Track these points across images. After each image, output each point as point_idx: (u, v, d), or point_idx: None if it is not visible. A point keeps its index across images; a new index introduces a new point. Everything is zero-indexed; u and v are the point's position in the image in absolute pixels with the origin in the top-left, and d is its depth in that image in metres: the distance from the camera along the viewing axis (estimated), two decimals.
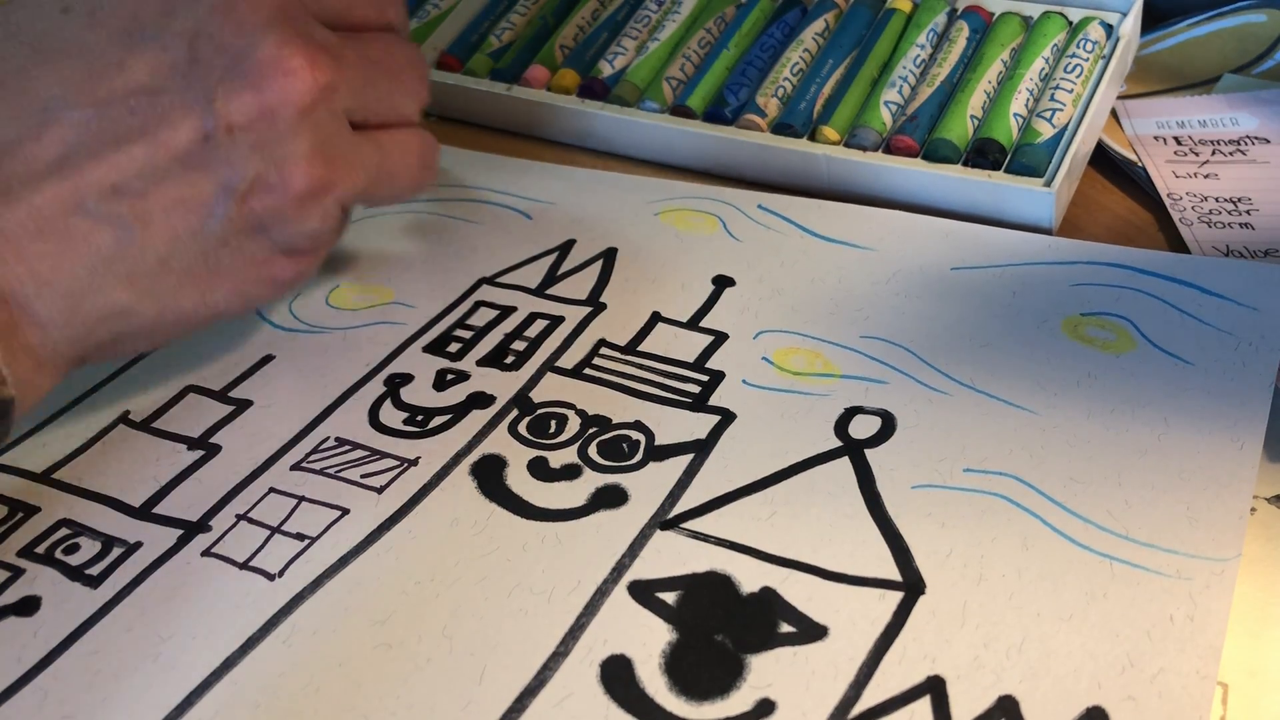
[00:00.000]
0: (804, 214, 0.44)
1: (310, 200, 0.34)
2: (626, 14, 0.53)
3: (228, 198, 0.33)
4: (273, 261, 0.35)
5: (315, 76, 0.33)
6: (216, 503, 0.35)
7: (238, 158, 0.33)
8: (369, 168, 0.36)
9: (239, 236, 0.34)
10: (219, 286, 0.34)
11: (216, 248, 0.33)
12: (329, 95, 0.33)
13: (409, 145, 0.37)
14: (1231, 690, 0.28)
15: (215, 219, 0.33)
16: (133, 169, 0.32)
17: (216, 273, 0.34)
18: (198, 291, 0.34)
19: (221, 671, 0.30)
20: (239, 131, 0.32)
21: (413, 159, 0.38)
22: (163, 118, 0.32)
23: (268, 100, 0.32)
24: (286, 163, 0.33)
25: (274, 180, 0.33)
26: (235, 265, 0.34)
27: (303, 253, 0.35)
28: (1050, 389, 0.35)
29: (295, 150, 0.33)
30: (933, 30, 0.49)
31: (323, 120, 0.34)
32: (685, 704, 0.28)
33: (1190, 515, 0.31)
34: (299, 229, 0.34)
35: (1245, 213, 0.43)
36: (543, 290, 0.42)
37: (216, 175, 0.33)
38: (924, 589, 0.30)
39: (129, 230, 0.32)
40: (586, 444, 0.35)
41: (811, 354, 0.38)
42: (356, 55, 0.35)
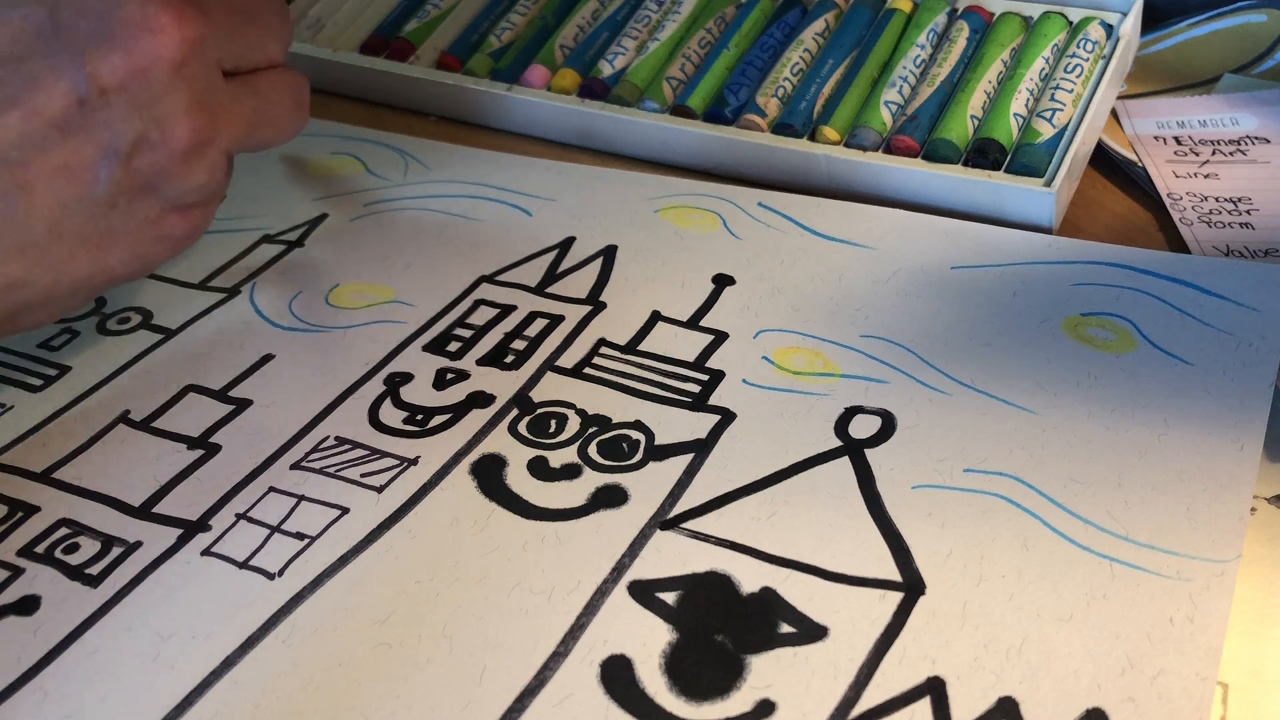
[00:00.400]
0: (804, 212, 0.44)
1: (195, 153, 0.34)
2: (626, 14, 0.53)
3: (111, 160, 0.33)
4: (165, 219, 0.35)
5: (183, 31, 0.33)
6: (216, 502, 0.35)
7: (116, 119, 0.33)
8: (247, 115, 0.36)
9: (127, 197, 0.34)
10: (113, 250, 0.34)
11: (106, 211, 0.34)
12: (199, 48, 0.34)
13: (283, 87, 0.38)
14: (1231, 690, 0.28)
15: (101, 182, 0.33)
16: (9, 139, 0.32)
17: (109, 236, 0.34)
18: (91, 257, 0.34)
19: (221, 671, 0.30)
20: (113, 93, 0.32)
21: (288, 100, 0.38)
22: (33, 85, 0.32)
23: (138, 59, 0.33)
24: (167, 119, 0.33)
25: (156, 138, 0.33)
26: (128, 227, 0.34)
27: (194, 206, 0.36)
28: (1050, 389, 0.35)
29: (174, 106, 0.33)
30: (933, 30, 0.49)
31: (196, 73, 0.34)
32: (685, 704, 0.28)
33: (1190, 516, 0.31)
34: (187, 184, 0.34)
35: (1245, 213, 0.43)
36: (543, 288, 0.42)
37: (97, 138, 0.33)
38: (924, 589, 0.30)
39: (12, 201, 0.32)
40: (586, 443, 0.35)
41: (812, 353, 0.38)
42: (220, 4, 0.35)
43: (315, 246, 0.45)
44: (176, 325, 0.42)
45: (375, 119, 0.54)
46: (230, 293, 0.43)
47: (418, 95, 0.53)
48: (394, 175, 0.49)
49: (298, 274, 0.44)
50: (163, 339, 0.41)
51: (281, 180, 0.49)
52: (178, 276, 0.44)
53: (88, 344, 0.41)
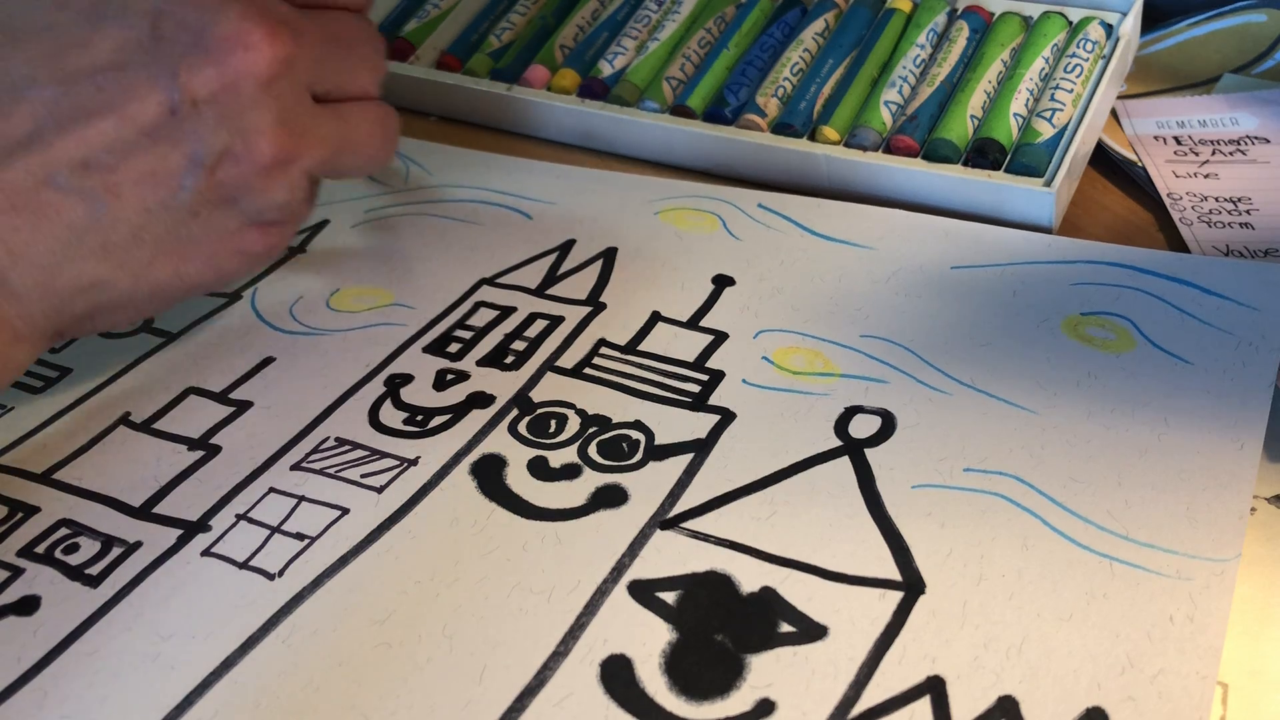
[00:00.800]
0: (804, 213, 0.44)
1: (277, 170, 0.34)
2: (626, 14, 0.53)
3: (196, 169, 0.33)
4: (244, 233, 0.35)
5: (274, 49, 0.33)
6: (216, 502, 0.35)
7: (204, 130, 0.33)
8: (332, 139, 0.36)
9: (209, 208, 0.34)
10: (192, 258, 0.35)
11: (187, 219, 0.34)
12: (289, 67, 0.34)
13: (371, 117, 0.38)
14: (1231, 690, 0.28)
15: (185, 190, 0.33)
16: (101, 143, 0.32)
17: (189, 244, 0.34)
18: (171, 263, 0.34)
19: (221, 671, 0.30)
20: (203, 105, 0.33)
21: (375, 130, 0.38)
22: (128, 93, 0.33)
23: (229, 73, 0.33)
24: (251, 134, 0.34)
25: (240, 151, 0.34)
26: (207, 237, 0.35)
27: (273, 224, 0.36)
28: (1050, 389, 0.35)
29: (259, 121, 0.34)
30: (933, 30, 0.49)
31: (284, 92, 0.34)
32: (685, 704, 0.28)
33: (1190, 515, 0.31)
34: (267, 199, 0.35)
35: (1245, 212, 0.43)
36: (543, 290, 0.42)
37: (183, 147, 0.33)
38: (924, 589, 0.30)
39: (100, 203, 0.33)
40: (586, 443, 0.35)
41: (811, 353, 0.38)
42: (315, 29, 0.36)
43: (317, 252, 0.45)
44: (177, 329, 0.42)
45: None
46: (232, 297, 0.43)
47: (418, 95, 0.53)
48: (395, 180, 0.49)
49: (299, 279, 0.44)
50: (164, 342, 0.41)
51: None
52: None
53: (89, 346, 0.41)
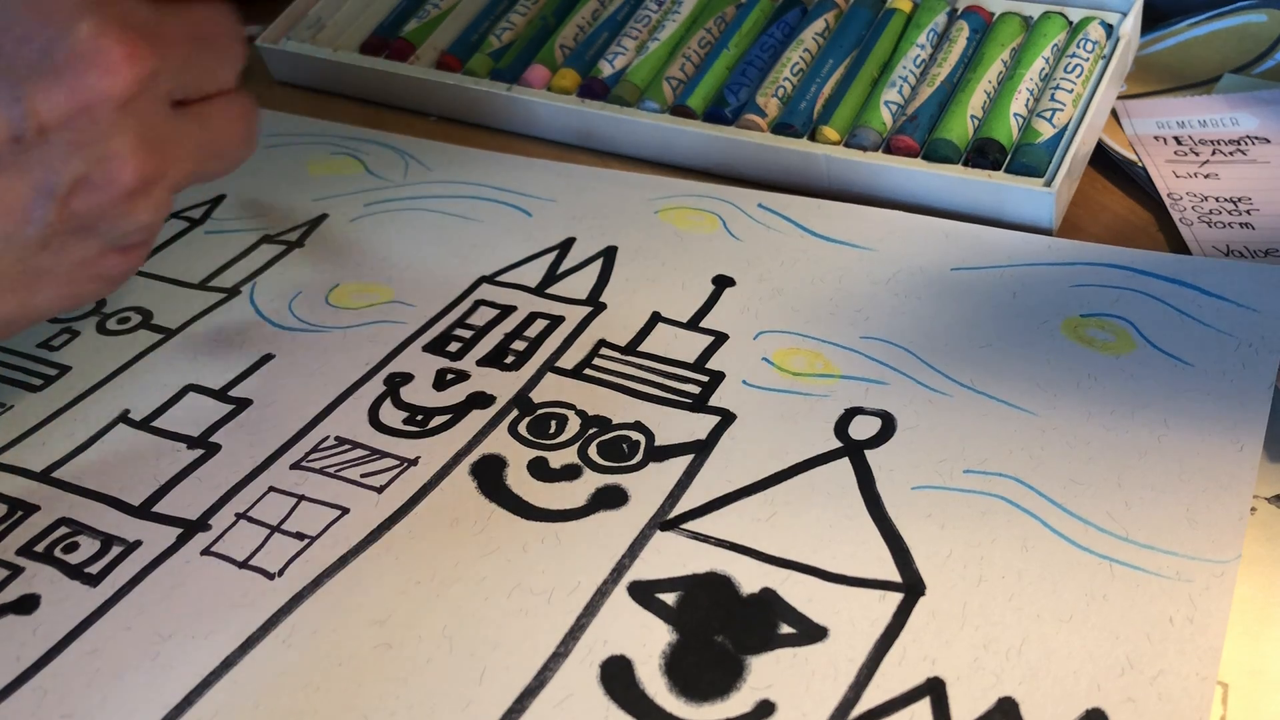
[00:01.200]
0: (804, 214, 0.44)
1: (140, 194, 0.32)
2: (626, 14, 0.53)
3: (46, 201, 0.31)
4: (103, 259, 0.33)
5: (134, 69, 0.31)
6: (216, 501, 0.35)
7: (55, 159, 0.30)
8: (196, 149, 0.34)
9: (61, 239, 0.32)
10: (42, 290, 0.33)
11: (36, 252, 0.32)
12: (150, 83, 0.31)
13: (232, 115, 0.36)
14: (1232, 690, 0.28)
15: (33, 224, 0.31)
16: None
17: (38, 277, 0.32)
18: (18, 298, 0.32)
19: (221, 671, 0.30)
20: (54, 131, 0.30)
21: (238, 128, 0.36)
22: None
23: (84, 97, 0.30)
24: (112, 160, 0.31)
25: (98, 179, 0.31)
26: (60, 267, 0.32)
27: (133, 246, 0.34)
28: (1050, 390, 0.35)
29: (119, 146, 0.31)
30: (933, 30, 0.49)
31: (145, 110, 0.32)
32: (685, 705, 0.28)
33: (1190, 517, 0.31)
34: (130, 224, 0.33)
35: (1245, 213, 0.43)
36: (543, 289, 0.42)
37: (32, 177, 0.30)
38: (924, 590, 0.30)
39: None
40: (586, 444, 0.35)
41: (812, 354, 0.38)
42: (175, 31, 0.33)
43: (315, 247, 0.45)
44: (176, 325, 0.42)
45: (375, 119, 0.54)
46: (230, 293, 0.43)
47: (418, 95, 0.53)
48: (394, 175, 0.49)
49: (298, 274, 0.44)
50: (163, 339, 0.41)
51: (281, 180, 0.49)
52: (178, 277, 0.44)
53: (88, 344, 0.41)
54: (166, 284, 0.44)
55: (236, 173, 0.37)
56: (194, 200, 0.49)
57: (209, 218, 0.48)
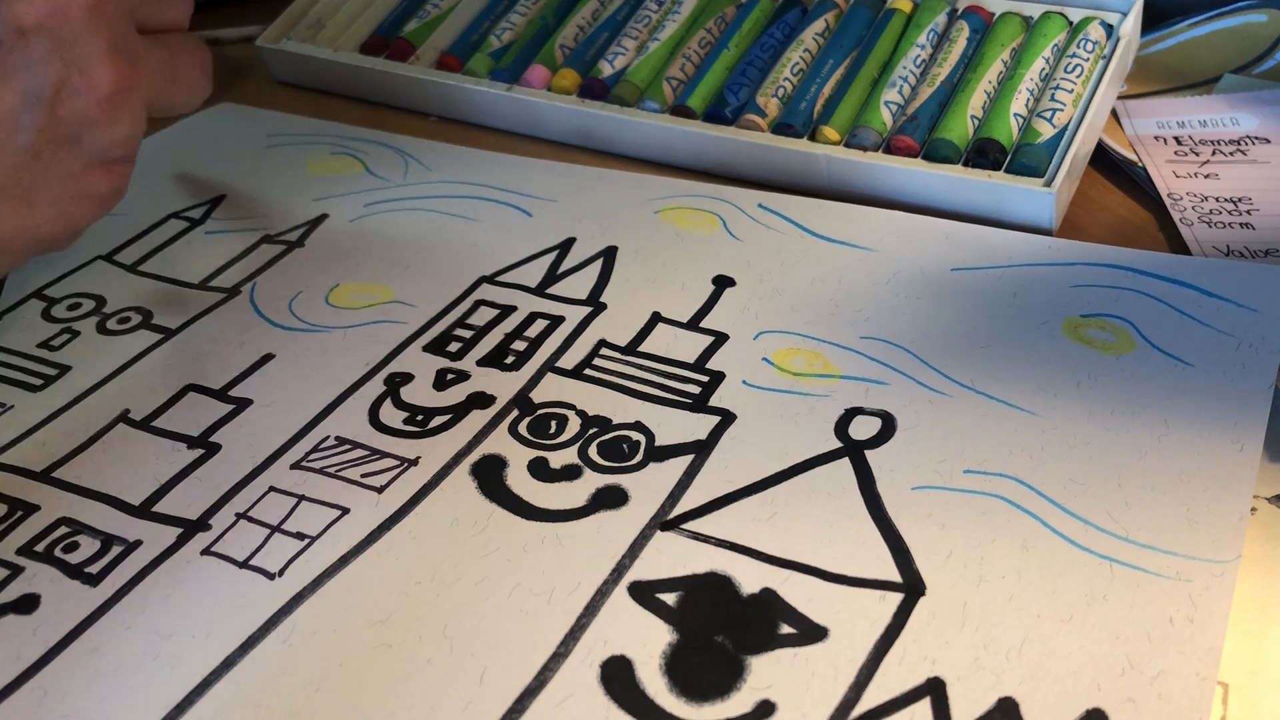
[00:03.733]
0: (804, 214, 0.44)
1: (118, 100, 0.32)
2: (626, 14, 0.53)
3: (35, 106, 0.31)
4: (89, 175, 0.33)
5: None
6: (216, 501, 0.35)
7: (37, 61, 0.31)
8: (163, 68, 0.35)
9: (52, 148, 0.32)
10: (38, 208, 0.32)
11: (29, 162, 0.32)
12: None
13: (189, 48, 0.37)
14: (1232, 690, 0.28)
15: (25, 130, 0.31)
16: None
17: (33, 190, 0.32)
18: (16, 216, 0.32)
19: (221, 671, 0.30)
20: (32, 34, 0.31)
21: (196, 62, 0.37)
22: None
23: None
24: (90, 62, 0.31)
25: (78, 83, 0.31)
26: (51, 181, 0.32)
27: (116, 162, 0.34)
28: (1050, 390, 0.35)
29: (95, 49, 0.32)
30: (933, 30, 0.49)
31: (114, 19, 0.32)
32: (685, 705, 0.28)
33: (1190, 517, 0.31)
34: (112, 133, 0.33)
35: (1245, 213, 0.43)
36: (543, 289, 0.42)
37: (18, 83, 0.31)
38: (924, 590, 0.30)
39: None
40: (587, 444, 0.35)
41: (812, 355, 0.38)
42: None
43: (315, 246, 0.45)
44: (176, 325, 0.42)
45: (375, 119, 0.54)
46: (230, 293, 0.43)
47: (418, 95, 0.53)
48: (394, 175, 0.49)
49: (298, 274, 0.44)
50: (163, 338, 0.41)
51: (281, 180, 0.49)
52: (178, 277, 0.44)
53: (88, 343, 0.41)
54: (166, 284, 0.44)
55: (237, 173, 0.37)
56: (194, 200, 0.49)
57: (209, 218, 0.48)
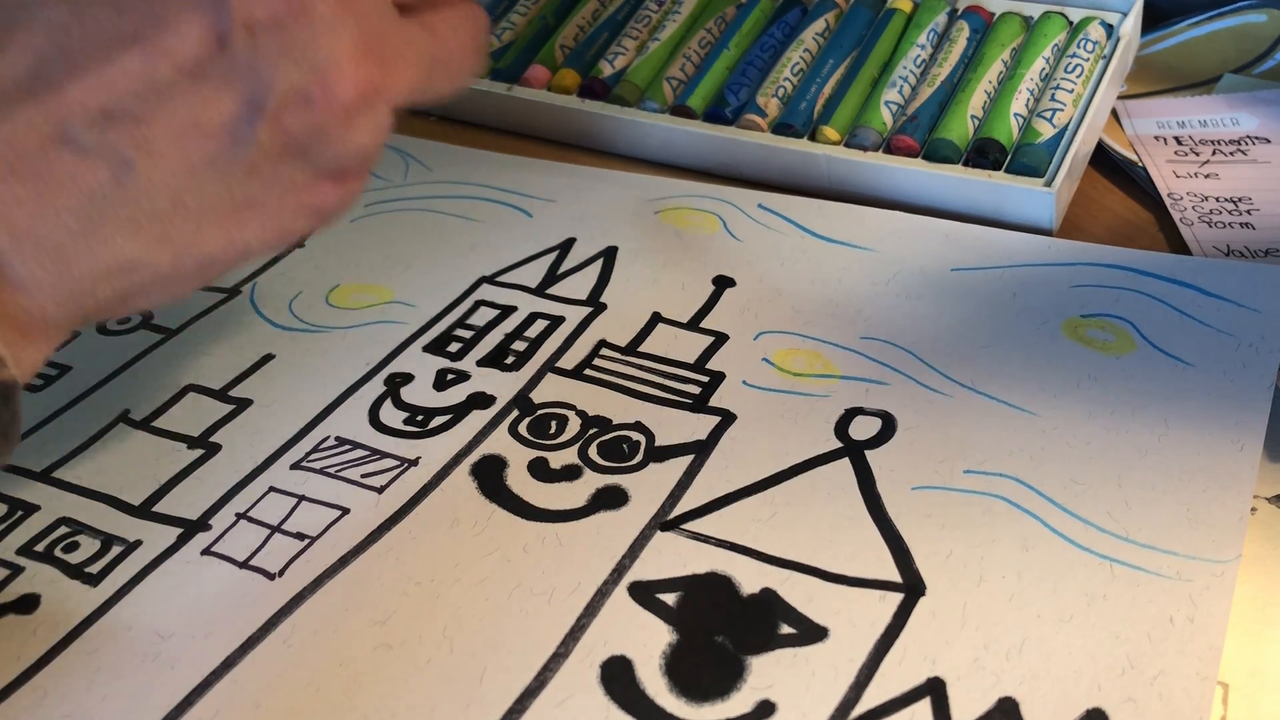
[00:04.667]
0: (804, 214, 0.44)
1: (360, 110, 0.27)
2: (627, 14, 0.53)
3: (255, 116, 0.26)
4: (315, 187, 0.28)
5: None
6: (216, 501, 0.35)
7: (264, 65, 0.26)
8: (422, 60, 0.29)
9: (271, 162, 0.27)
10: (250, 223, 0.28)
11: (244, 178, 0.27)
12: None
13: (459, 23, 0.31)
14: (1232, 690, 0.28)
15: (241, 144, 0.27)
16: (127, 86, 0.26)
17: (245, 207, 0.28)
18: (222, 231, 0.28)
19: (221, 671, 0.30)
20: (262, 31, 0.26)
21: (466, 39, 0.31)
22: (161, 18, 0.26)
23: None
24: (328, 67, 0.26)
25: (314, 90, 0.27)
26: (268, 196, 0.28)
27: (349, 173, 0.29)
28: (1050, 390, 0.35)
29: (338, 50, 0.27)
30: (933, 30, 0.49)
31: (367, 8, 0.27)
32: (685, 705, 0.28)
33: (1190, 517, 0.31)
34: (346, 146, 0.28)
35: (1245, 212, 0.43)
36: (543, 290, 0.42)
37: (238, 88, 0.26)
38: (924, 590, 0.30)
39: (128, 165, 0.26)
40: (587, 445, 0.35)
41: (812, 355, 0.38)
42: None
43: (315, 247, 0.45)
44: (176, 325, 0.42)
45: None
46: (230, 293, 0.43)
47: None
48: (394, 175, 0.49)
49: (298, 274, 0.44)
50: (163, 339, 0.41)
51: None
52: None
53: (88, 343, 0.41)
54: None
55: None
56: None
57: None
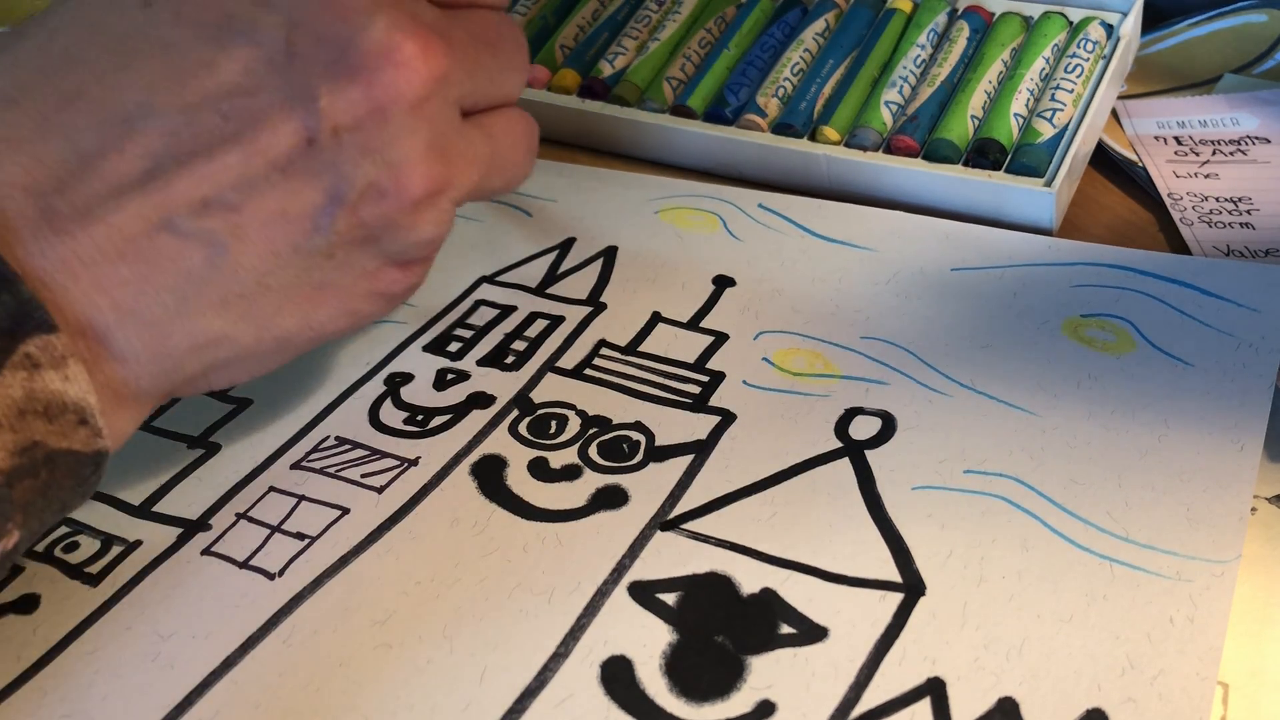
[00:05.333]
0: (804, 214, 0.44)
1: (426, 204, 0.31)
2: (627, 14, 0.53)
3: (335, 207, 0.29)
4: (383, 273, 0.32)
5: (429, 66, 0.29)
6: (216, 501, 0.35)
7: (346, 162, 0.29)
8: (482, 160, 0.32)
9: (346, 249, 0.30)
10: (324, 305, 0.31)
11: (322, 262, 0.30)
12: (442, 85, 0.30)
13: (514, 129, 0.34)
14: (1232, 690, 0.28)
15: (321, 231, 0.30)
16: (226, 179, 0.28)
17: (321, 290, 0.31)
18: (301, 312, 0.31)
19: (221, 671, 0.30)
20: (346, 133, 0.29)
21: (520, 144, 0.34)
22: (259, 121, 0.29)
23: (378, 95, 0.29)
24: (401, 165, 0.30)
25: (388, 185, 0.30)
26: (342, 280, 0.31)
27: (414, 261, 0.32)
28: (1050, 390, 0.35)
29: (410, 150, 0.30)
30: (933, 30, 0.49)
31: (436, 113, 0.30)
32: (685, 705, 0.28)
33: (1190, 517, 0.31)
34: (413, 237, 0.31)
35: (1246, 213, 0.43)
36: (543, 289, 0.42)
37: (322, 183, 0.29)
38: (924, 590, 0.30)
39: (222, 248, 0.29)
40: (587, 444, 0.35)
41: (812, 355, 0.38)
42: (463, 34, 0.31)
43: None
44: None
45: None
46: None
47: None
48: None
49: None
50: None
51: None
52: None
53: None
54: None
55: None
56: None
57: None
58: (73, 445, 0.27)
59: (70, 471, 0.28)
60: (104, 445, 0.28)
